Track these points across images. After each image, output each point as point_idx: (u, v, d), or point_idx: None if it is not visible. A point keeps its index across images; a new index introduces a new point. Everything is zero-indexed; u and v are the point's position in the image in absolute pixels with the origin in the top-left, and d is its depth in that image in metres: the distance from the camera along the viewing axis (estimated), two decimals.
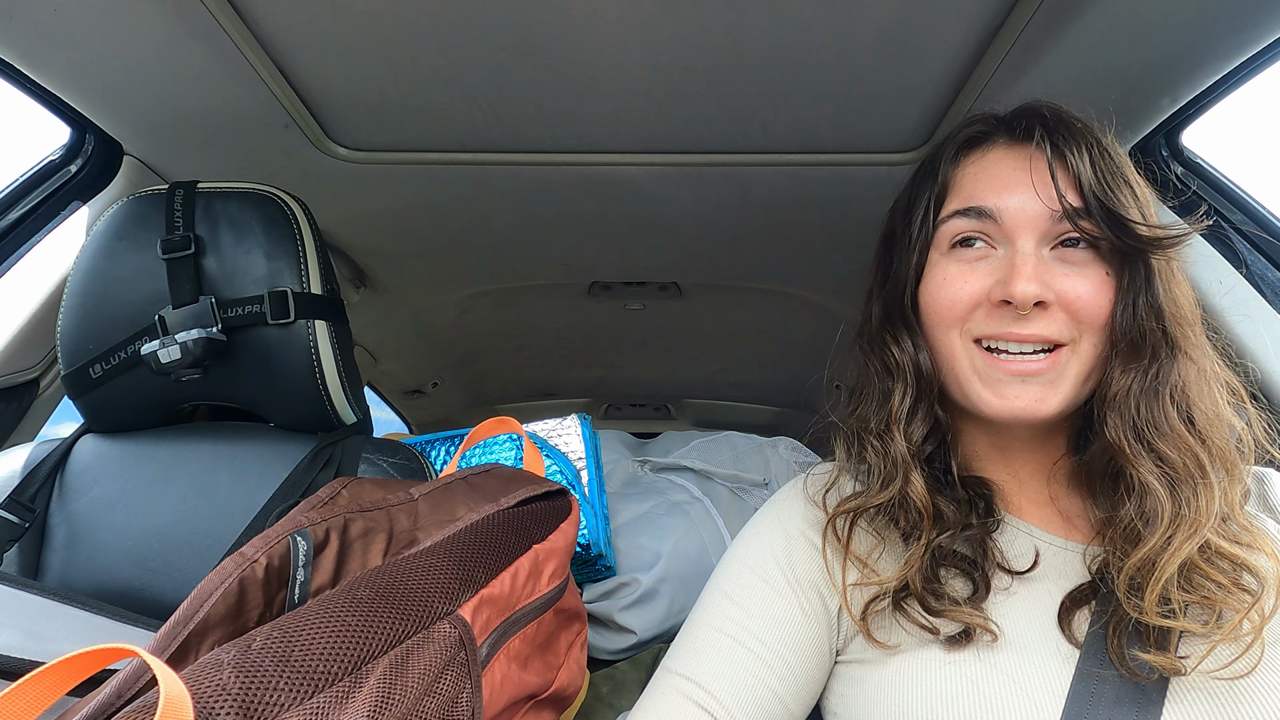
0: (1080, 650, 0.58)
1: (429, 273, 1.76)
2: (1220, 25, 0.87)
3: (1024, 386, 0.62)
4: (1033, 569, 0.64)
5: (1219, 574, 0.57)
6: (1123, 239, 0.61)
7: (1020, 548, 0.66)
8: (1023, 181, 0.64)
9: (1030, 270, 0.61)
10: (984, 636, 0.60)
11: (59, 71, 1.00)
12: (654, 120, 1.14)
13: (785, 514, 0.72)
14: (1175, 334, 0.61)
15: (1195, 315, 0.64)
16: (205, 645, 0.51)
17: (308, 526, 0.61)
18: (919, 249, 0.69)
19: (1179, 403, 0.61)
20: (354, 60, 1.00)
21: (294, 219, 0.93)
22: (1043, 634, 0.60)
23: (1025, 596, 0.63)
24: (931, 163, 0.71)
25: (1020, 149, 0.66)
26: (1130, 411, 0.60)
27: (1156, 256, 0.62)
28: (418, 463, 0.98)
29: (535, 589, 0.71)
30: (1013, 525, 0.68)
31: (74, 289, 0.92)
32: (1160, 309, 0.61)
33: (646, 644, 1.19)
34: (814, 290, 1.79)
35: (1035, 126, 0.65)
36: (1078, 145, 0.63)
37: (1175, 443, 0.59)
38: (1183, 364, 0.61)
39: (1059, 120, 0.65)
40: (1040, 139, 0.64)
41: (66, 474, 0.93)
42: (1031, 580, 0.64)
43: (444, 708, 0.53)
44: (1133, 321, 0.61)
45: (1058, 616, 0.61)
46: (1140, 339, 0.61)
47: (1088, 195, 0.62)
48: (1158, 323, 0.61)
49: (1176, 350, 0.61)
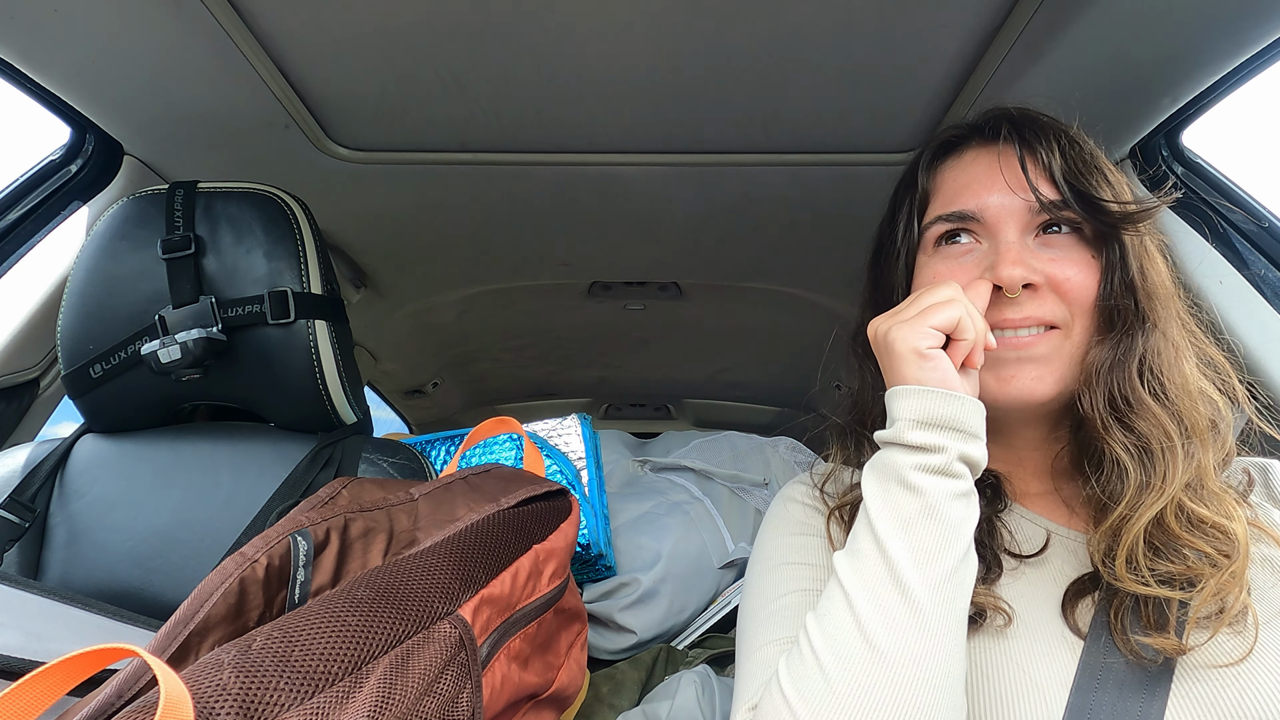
0: (1085, 638, 0.59)
1: (429, 273, 1.76)
2: (1220, 25, 0.87)
3: (1020, 367, 0.64)
4: (1041, 552, 0.65)
5: (1198, 540, 0.57)
6: (1098, 218, 0.63)
7: (1027, 533, 0.67)
8: (997, 179, 0.66)
9: (1015, 255, 0.63)
10: (996, 619, 0.60)
11: (59, 71, 1.00)
12: (654, 120, 1.14)
13: (795, 502, 0.74)
14: (1146, 307, 0.63)
15: (1169, 291, 0.66)
16: (206, 645, 0.51)
17: (308, 526, 0.61)
18: (906, 254, 0.71)
19: (1144, 374, 0.62)
20: (354, 60, 1.00)
21: (294, 219, 0.93)
22: (1048, 620, 0.61)
23: (1032, 582, 0.63)
24: (910, 173, 0.74)
25: (991, 148, 0.68)
26: (1103, 384, 0.62)
27: (1129, 232, 0.64)
28: (418, 463, 0.98)
29: (535, 589, 0.71)
30: (1018, 512, 0.69)
31: (74, 289, 0.92)
32: (1133, 283, 0.63)
33: (646, 644, 1.19)
34: (814, 290, 1.79)
35: (1003, 125, 0.68)
36: (1046, 138, 0.65)
37: (1143, 414, 0.61)
38: (1153, 337, 0.63)
39: (1026, 118, 0.68)
40: (1008, 135, 0.67)
41: (67, 474, 0.93)
42: (1038, 566, 0.64)
43: (444, 708, 0.53)
44: (1109, 297, 0.64)
45: (1061, 604, 0.61)
46: (1113, 313, 0.63)
47: (1060, 183, 0.64)
48: (1130, 296, 0.63)
49: (1146, 323, 0.63)
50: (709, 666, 1.09)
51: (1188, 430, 0.61)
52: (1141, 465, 0.60)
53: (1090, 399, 0.63)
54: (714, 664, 1.10)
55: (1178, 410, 0.61)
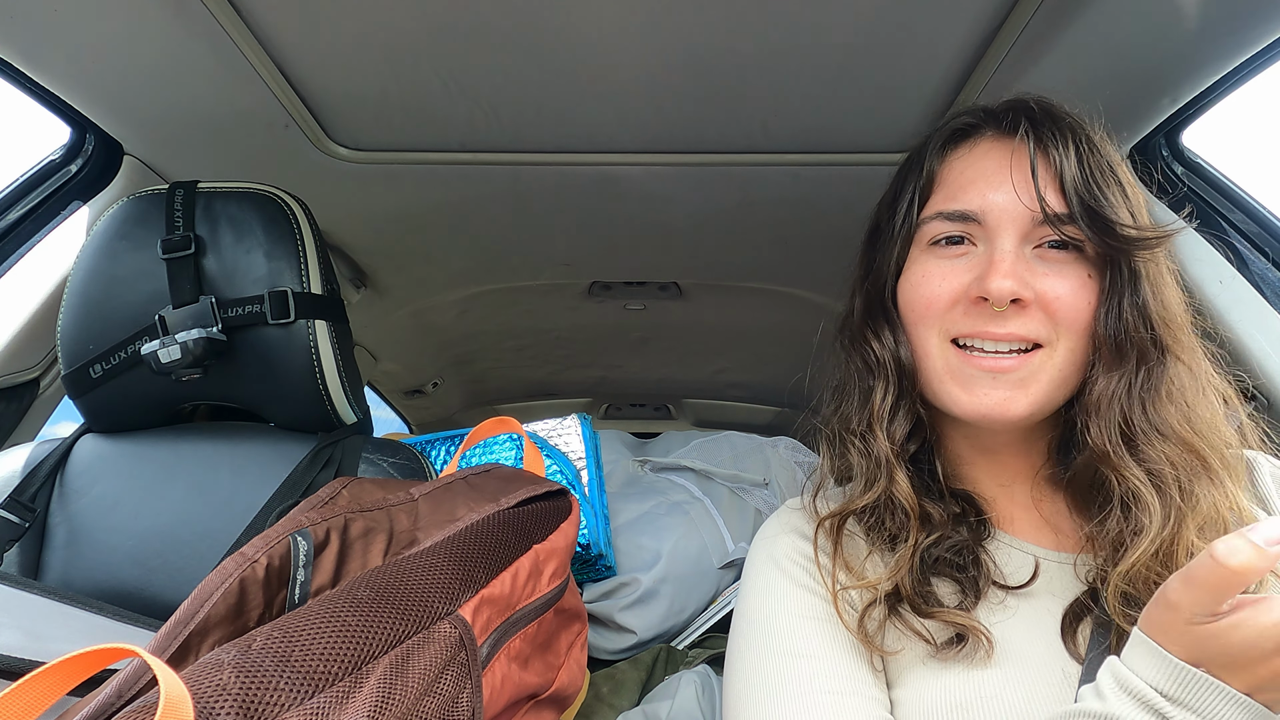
0: (1082, 668, 0.57)
1: (429, 273, 1.76)
2: (1220, 25, 0.87)
3: (994, 385, 0.61)
4: (1030, 583, 0.62)
5: None
6: (1105, 240, 0.59)
7: (1016, 563, 0.65)
8: (1005, 180, 0.62)
9: (1007, 266, 0.60)
10: (979, 649, 0.58)
11: (59, 71, 1.00)
12: (654, 120, 1.14)
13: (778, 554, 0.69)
14: (1164, 337, 0.60)
15: (1185, 319, 0.63)
16: (206, 645, 0.51)
17: (308, 526, 0.61)
18: (900, 242, 0.68)
19: (1177, 403, 0.59)
20: (354, 60, 1.00)
21: (294, 219, 0.93)
22: (1042, 655, 0.59)
23: (1024, 616, 0.61)
24: (917, 155, 0.70)
25: (1006, 143, 0.64)
26: (1116, 417, 0.59)
27: (1142, 258, 0.60)
28: (418, 463, 0.98)
29: (535, 589, 0.71)
30: (1006, 541, 0.66)
31: (74, 289, 0.92)
32: (1147, 311, 0.60)
33: (646, 644, 1.19)
34: (814, 290, 1.79)
35: (1021, 120, 0.63)
36: (1064, 141, 0.61)
37: (1170, 447, 0.58)
38: (1174, 367, 0.60)
39: (1047, 115, 0.64)
40: (1025, 134, 0.63)
41: (67, 474, 0.93)
42: (1030, 597, 0.62)
43: (444, 708, 0.53)
44: (1117, 324, 0.60)
45: (1061, 632, 0.59)
46: (1125, 343, 0.60)
47: (1070, 195, 0.60)
48: (1145, 325, 0.60)
49: (1166, 353, 0.60)
50: (709, 666, 1.09)
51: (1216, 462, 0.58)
52: (1163, 503, 0.56)
53: (1102, 434, 0.59)
54: (714, 664, 1.10)
55: (1206, 441, 0.59)
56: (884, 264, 0.69)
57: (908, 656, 0.61)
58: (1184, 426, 0.59)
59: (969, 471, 0.70)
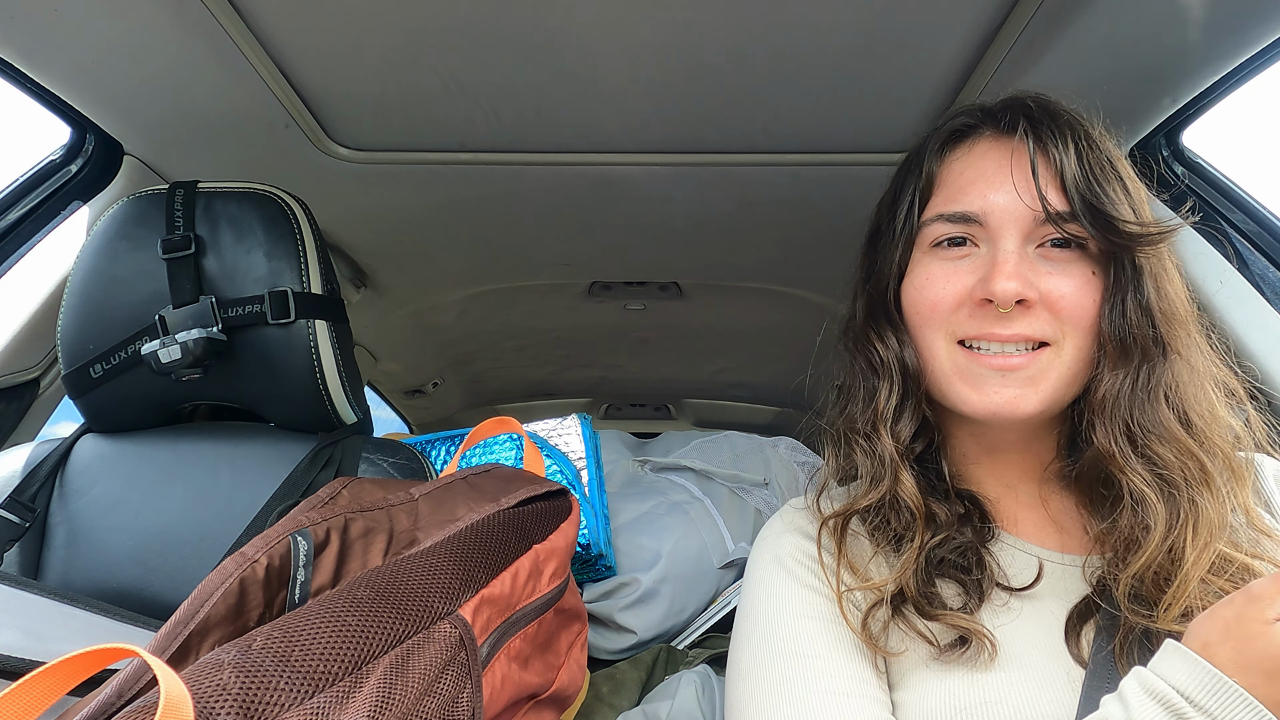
0: (1086, 670, 0.57)
1: (429, 273, 1.77)
2: (1220, 25, 0.87)
3: (1003, 383, 0.61)
4: (1034, 585, 0.62)
5: (1226, 582, 0.55)
6: (1108, 237, 0.59)
7: (1020, 565, 0.64)
8: (1006, 180, 0.62)
9: (1011, 268, 0.59)
10: (982, 652, 0.58)
11: (59, 71, 1.00)
12: (654, 120, 1.14)
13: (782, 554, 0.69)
14: (1166, 333, 0.60)
15: (1189, 314, 0.62)
16: (206, 645, 0.51)
17: (308, 526, 0.61)
18: (902, 245, 0.67)
19: (1174, 404, 0.59)
20: (354, 60, 1.00)
21: (294, 219, 0.93)
22: (1049, 656, 0.59)
23: (1027, 618, 0.61)
24: (916, 156, 0.69)
25: (1005, 143, 0.64)
26: (1121, 415, 0.59)
27: (1145, 254, 0.60)
28: (418, 463, 0.98)
29: (536, 589, 0.71)
30: (1010, 543, 0.66)
31: (74, 289, 0.92)
32: (1150, 307, 0.60)
33: (646, 644, 1.19)
34: (814, 290, 1.79)
35: (1020, 119, 0.63)
36: (1063, 138, 0.61)
37: (1171, 446, 0.58)
38: (1175, 364, 0.60)
39: (1045, 112, 0.63)
40: (1024, 133, 0.62)
41: (67, 474, 0.93)
42: (1033, 599, 0.62)
43: (444, 708, 0.53)
44: (1122, 321, 0.60)
45: (1064, 634, 0.59)
46: (1130, 340, 0.60)
47: (1071, 193, 0.60)
48: (1149, 322, 0.59)
49: (1169, 350, 0.60)
50: (709, 666, 1.09)
51: (1217, 461, 0.58)
52: (1167, 501, 0.57)
53: (1108, 432, 0.59)
54: (714, 664, 1.10)
55: (1206, 439, 0.59)
56: (885, 267, 0.69)
57: (911, 658, 0.61)
58: (1185, 426, 0.59)
59: (974, 471, 0.70)
